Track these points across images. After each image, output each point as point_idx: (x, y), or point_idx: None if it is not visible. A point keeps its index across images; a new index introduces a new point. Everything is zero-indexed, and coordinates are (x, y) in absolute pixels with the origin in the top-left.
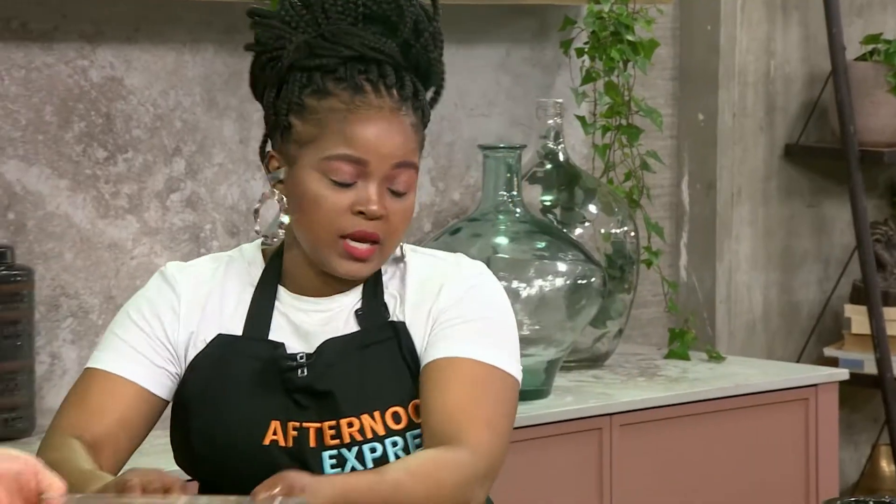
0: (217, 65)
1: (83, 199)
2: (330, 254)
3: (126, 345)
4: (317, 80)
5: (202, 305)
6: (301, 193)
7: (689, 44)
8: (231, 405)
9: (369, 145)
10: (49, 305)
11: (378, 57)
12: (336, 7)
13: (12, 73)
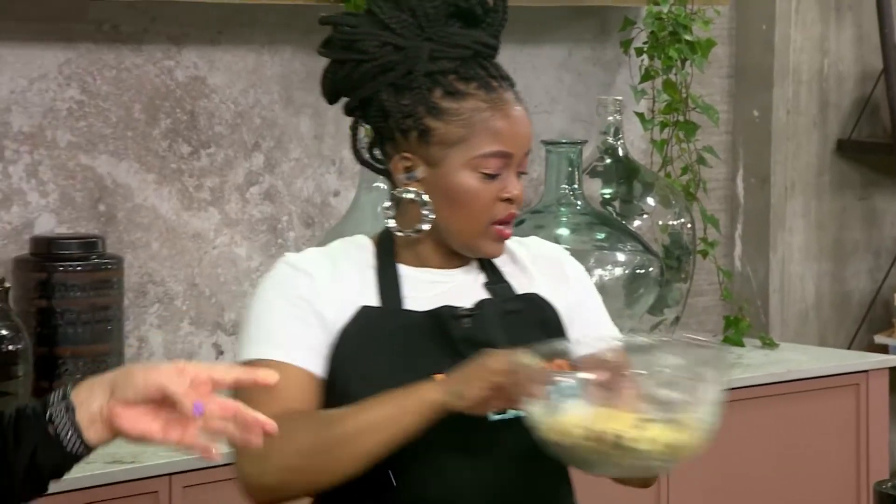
0: (294, 64)
1: (169, 191)
2: (483, 239)
3: (286, 333)
4: (445, 83)
5: (334, 285)
6: (454, 189)
7: (745, 43)
8: (394, 368)
9: (514, 139)
10: (137, 292)
11: (488, 52)
12: (431, 7)
13: (104, 73)
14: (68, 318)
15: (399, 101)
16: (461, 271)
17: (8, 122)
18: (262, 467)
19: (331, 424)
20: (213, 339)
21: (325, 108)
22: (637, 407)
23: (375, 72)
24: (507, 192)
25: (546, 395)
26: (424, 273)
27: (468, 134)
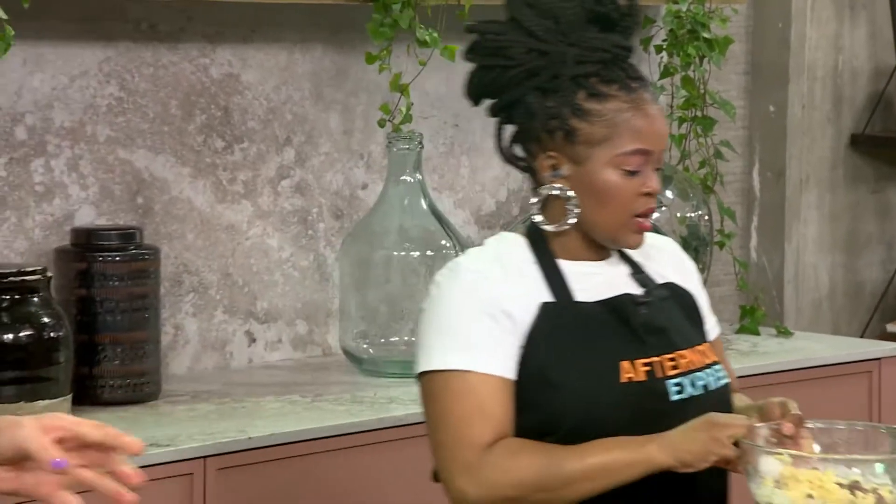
0: (325, 62)
1: (203, 184)
2: (625, 232)
3: (481, 341)
4: (588, 86)
5: (511, 284)
6: (598, 186)
7: (762, 40)
8: (583, 358)
9: (653, 136)
10: (173, 281)
11: (625, 54)
12: (572, 13)
13: (141, 70)
14: (107, 306)
15: (545, 104)
16: (607, 263)
17: (50, 118)
18: (480, 490)
19: (557, 463)
20: (245, 327)
21: (353, 104)
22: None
23: (522, 77)
24: (647, 186)
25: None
26: (579, 265)
27: (611, 133)
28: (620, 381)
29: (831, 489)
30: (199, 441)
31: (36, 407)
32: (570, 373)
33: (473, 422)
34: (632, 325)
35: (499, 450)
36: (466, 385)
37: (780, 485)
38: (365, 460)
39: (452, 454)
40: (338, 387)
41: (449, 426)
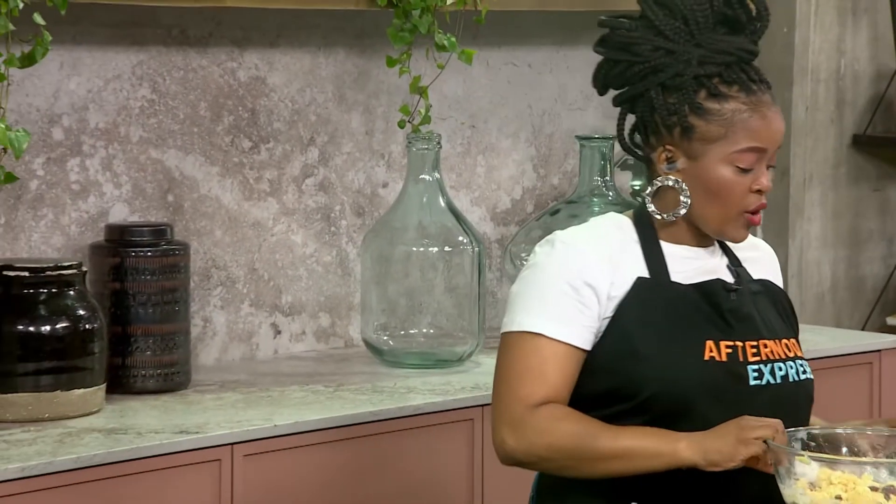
0: (347, 65)
1: (231, 183)
2: (734, 226)
3: (560, 310)
4: (710, 86)
5: (607, 259)
6: (712, 181)
7: (767, 44)
8: (672, 332)
9: (769, 136)
10: (202, 276)
11: (749, 57)
12: (702, 15)
13: (172, 73)
14: (140, 299)
15: (666, 100)
16: (707, 251)
17: (85, 120)
18: (520, 445)
19: (592, 437)
20: (271, 319)
21: (374, 106)
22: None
23: (647, 72)
24: (759, 184)
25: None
26: (680, 249)
27: (727, 132)
28: (703, 359)
29: (862, 492)
30: (227, 428)
31: (72, 395)
32: (655, 345)
33: (528, 380)
34: (720, 309)
35: (544, 412)
36: (533, 346)
37: (814, 487)
38: (385, 447)
39: (504, 406)
40: (359, 377)
41: (506, 381)
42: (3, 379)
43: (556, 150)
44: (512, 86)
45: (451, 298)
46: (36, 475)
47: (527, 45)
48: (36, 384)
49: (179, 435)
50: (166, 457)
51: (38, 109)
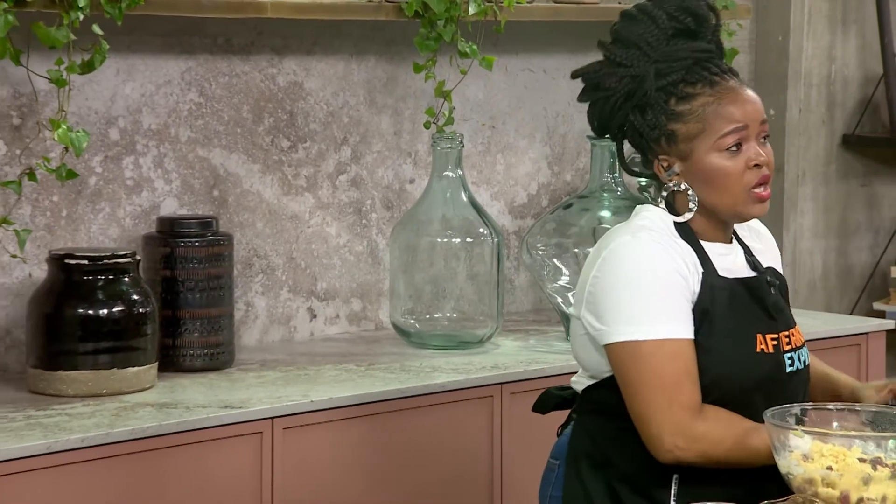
0: (377, 71)
1: (271, 179)
2: (746, 205)
3: (682, 308)
4: (677, 91)
5: (676, 253)
6: (707, 172)
7: (764, 51)
8: (728, 325)
9: (745, 113)
10: (244, 264)
11: (706, 55)
12: (652, 37)
13: (218, 79)
14: (188, 285)
15: (645, 118)
16: (733, 248)
17: (139, 121)
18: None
19: (748, 437)
20: (307, 304)
21: (402, 108)
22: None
23: (621, 101)
24: (754, 159)
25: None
26: (715, 246)
27: (705, 125)
28: (755, 351)
29: (851, 463)
30: (268, 404)
31: (127, 373)
32: (713, 337)
33: (685, 386)
34: (764, 304)
35: (709, 419)
36: (673, 351)
37: (807, 459)
38: (412, 422)
39: (666, 416)
40: (388, 357)
41: (660, 390)
42: (65, 357)
43: (569, 149)
44: (528, 90)
45: (473, 285)
46: (94, 445)
47: (542, 53)
48: (95, 362)
49: (224, 409)
50: (212, 429)
51: (97, 112)
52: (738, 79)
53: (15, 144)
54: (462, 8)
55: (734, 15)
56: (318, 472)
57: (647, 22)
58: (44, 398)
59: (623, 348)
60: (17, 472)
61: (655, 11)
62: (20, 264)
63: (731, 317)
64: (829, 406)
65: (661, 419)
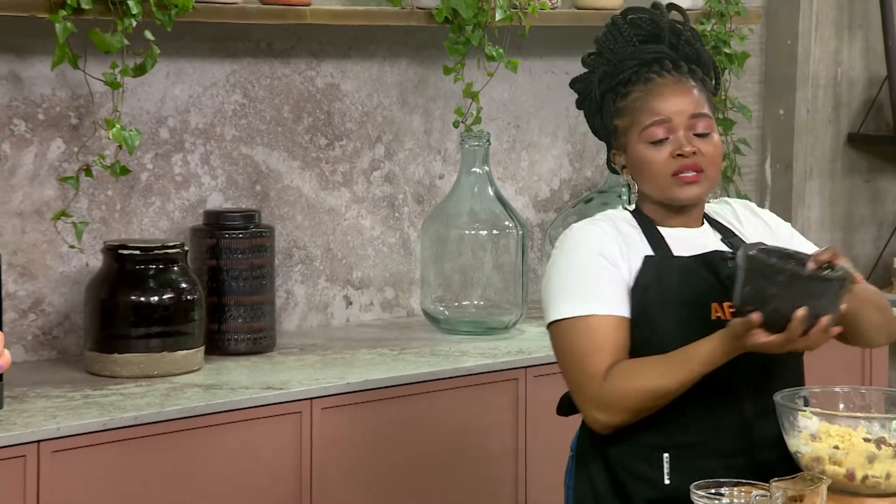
0: (409, 74)
1: (309, 175)
2: (671, 189)
3: (600, 288)
4: (620, 90)
5: (618, 241)
6: (638, 163)
7: (774, 55)
8: (682, 297)
9: (669, 107)
10: (285, 255)
11: (654, 56)
12: (616, 43)
13: (260, 81)
14: (232, 274)
15: (602, 120)
16: (701, 231)
17: (187, 121)
18: (611, 417)
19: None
20: (343, 292)
21: (433, 109)
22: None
23: (583, 103)
24: (677, 149)
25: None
26: (676, 231)
27: (633, 118)
28: (711, 319)
29: (856, 443)
30: (307, 385)
31: (176, 356)
32: (669, 311)
33: (592, 358)
34: (719, 276)
35: (614, 379)
36: (585, 327)
37: (815, 438)
38: (441, 403)
39: (582, 388)
40: (419, 342)
41: (575, 365)
42: (119, 341)
43: (589, 147)
44: (551, 91)
45: (499, 275)
46: (146, 423)
47: (564, 56)
48: (146, 346)
49: (266, 390)
50: (255, 409)
51: (148, 112)
52: (688, 78)
53: (73, 143)
54: (489, 14)
55: (745, 20)
56: (354, 450)
57: (612, 30)
58: (100, 379)
59: (551, 330)
60: (76, 448)
61: (619, 20)
62: (78, 254)
63: (682, 290)
64: (836, 388)
65: (581, 394)
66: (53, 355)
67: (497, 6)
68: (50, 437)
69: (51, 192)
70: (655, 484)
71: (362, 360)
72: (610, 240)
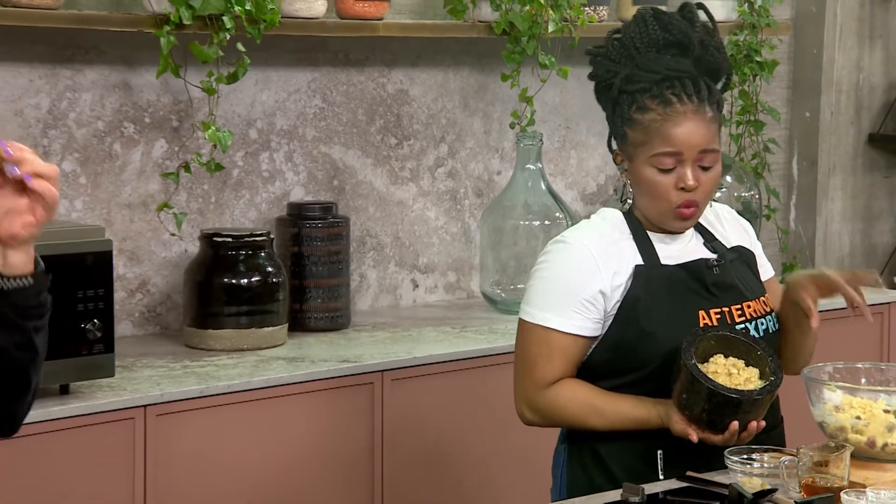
0: (470, 80)
1: (381, 171)
2: (668, 219)
3: (568, 308)
4: (638, 100)
5: (607, 255)
6: (641, 181)
7: (801, 62)
8: (670, 307)
9: (682, 141)
10: (358, 242)
11: (678, 75)
12: (643, 42)
13: (338, 88)
14: (312, 259)
15: (613, 114)
16: (686, 236)
17: (273, 123)
18: (535, 418)
19: (592, 415)
20: (411, 276)
21: (491, 112)
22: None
23: (602, 89)
24: (682, 182)
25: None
26: (663, 237)
27: (647, 139)
28: (699, 326)
29: (877, 413)
30: (378, 359)
31: (263, 332)
32: (656, 321)
33: (539, 366)
34: (705, 284)
35: (551, 394)
36: (544, 337)
37: (838, 409)
38: (498, 375)
39: (521, 386)
40: (478, 321)
41: (522, 364)
42: (213, 318)
43: None
44: None
45: None
46: (237, 391)
47: None
48: (237, 323)
49: (342, 363)
50: (332, 380)
51: (239, 115)
52: (705, 106)
53: (174, 143)
54: (543, 26)
55: (775, 31)
56: (420, 417)
57: (641, 26)
58: (197, 351)
59: (518, 323)
60: (176, 412)
61: (650, 20)
62: (178, 241)
63: (671, 300)
64: (858, 364)
65: (521, 390)
66: (157, 330)
67: (550, 19)
68: (154, 402)
69: (155, 187)
70: (649, 479)
71: (427, 336)
72: (592, 261)
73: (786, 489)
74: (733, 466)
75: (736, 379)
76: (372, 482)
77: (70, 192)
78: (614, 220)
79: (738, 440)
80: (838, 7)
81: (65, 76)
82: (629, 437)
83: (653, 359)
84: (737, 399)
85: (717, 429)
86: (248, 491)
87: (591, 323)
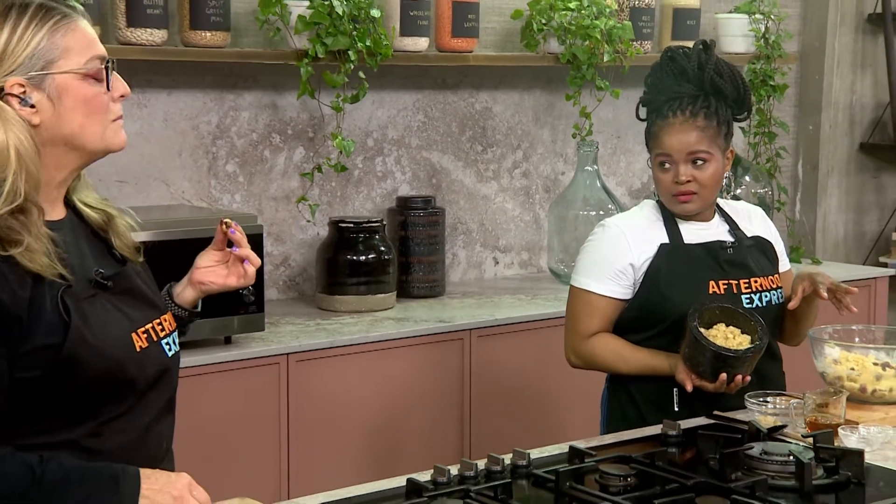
0: (541, 99)
1: (469, 172)
2: (671, 204)
3: (606, 277)
4: (651, 116)
5: (639, 237)
6: (653, 176)
7: (805, 86)
8: (686, 277)
9: (671, 146)
10: (451, 228)
11: (675, 95)
12: (662, 73)
13: (437, 106)
14: (416, 241)
15: (647, 123)
16: (713, 223)
17: (386, 134)
18: (579, 362)
19: (619, 362)
20: (492, 255)
21: (557, 125)
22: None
23: (646, 101)
24: (675, 178)
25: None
26: (691, 224)
27: (652, 144)
28: (708, 293)
29: (867, 366)
30: (467, 320)
31: (377, 297)
32: (674, 287)
33: (583, 321)
34: (718, 260)
35: (592, 343)
36: (587, 298)
37: (836, 362)
38: (561, 334)
39: (569, 337)
40: (546, 290)
41: (571, 319)
42: (339, 286)
43: None
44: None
45: None
46: (357, 343)
47: None
48: (357, 290)
49: (439, 323)
50: (431, 336)
51: (359, 127)
52: (698, 117)
53: (310, 149)
54: (599, 57)
55: (785, 61)
56: (500, 366)
57: (662, 60)
58: (326, 312)
59: (570, 289)
60: (310, 360)
61: (665, 58)
62: (312, 226)
63: (686, 271)
64: (853, 326)
65: (568, 341)
66: (295, 296)
67: (605, 52)
68: (295, 351)
69: (294, 184)
70: (667, 411)
71: (506, 302)
72: (624, 240)
73: (794, 425)
74: (751, 407)
75: (731, 343)
76: (461, 415)
77: (231, 188)
78: (650, 209)
79: (726, 389)
80: (836, 42)
81: (229, 99)
82: (653, 381)
83: (670, 315)
84: (724, 355)
85: (711, 378)
86: (364, 420)
87: (623, 288)
